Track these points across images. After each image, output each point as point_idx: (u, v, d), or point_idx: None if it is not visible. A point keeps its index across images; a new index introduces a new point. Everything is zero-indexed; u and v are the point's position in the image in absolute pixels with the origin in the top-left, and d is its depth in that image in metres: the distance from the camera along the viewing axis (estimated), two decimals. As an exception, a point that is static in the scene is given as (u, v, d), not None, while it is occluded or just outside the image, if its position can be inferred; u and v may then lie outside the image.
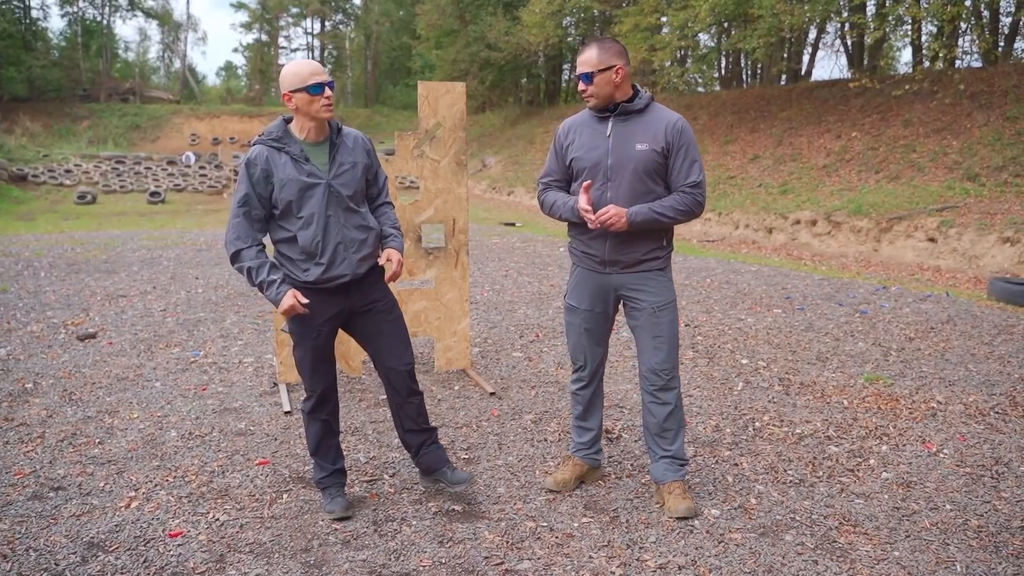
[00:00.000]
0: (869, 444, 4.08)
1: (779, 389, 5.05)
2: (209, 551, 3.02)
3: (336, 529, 3.18)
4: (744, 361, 5.70)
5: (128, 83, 42.21)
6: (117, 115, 37.13)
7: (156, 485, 3.63)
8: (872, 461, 3.85)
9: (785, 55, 24.09)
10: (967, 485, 3.59)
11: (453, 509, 3.35)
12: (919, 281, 9.81)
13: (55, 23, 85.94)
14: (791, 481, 3.62)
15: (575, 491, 3.52)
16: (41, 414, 4.62)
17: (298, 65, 3.04)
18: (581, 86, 3.19)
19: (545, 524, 3.21)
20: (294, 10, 49.55)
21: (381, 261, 3.27)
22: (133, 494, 3.53)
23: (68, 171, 26.55)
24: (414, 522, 3.25)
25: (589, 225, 3.14)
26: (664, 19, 21.91)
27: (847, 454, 3.95)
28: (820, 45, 23.67)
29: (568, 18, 30.16)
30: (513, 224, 17.30)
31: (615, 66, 3.13)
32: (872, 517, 3.26)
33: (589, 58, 3.14)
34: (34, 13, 40.59)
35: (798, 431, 4.28)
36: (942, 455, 3.94)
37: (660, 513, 3.30)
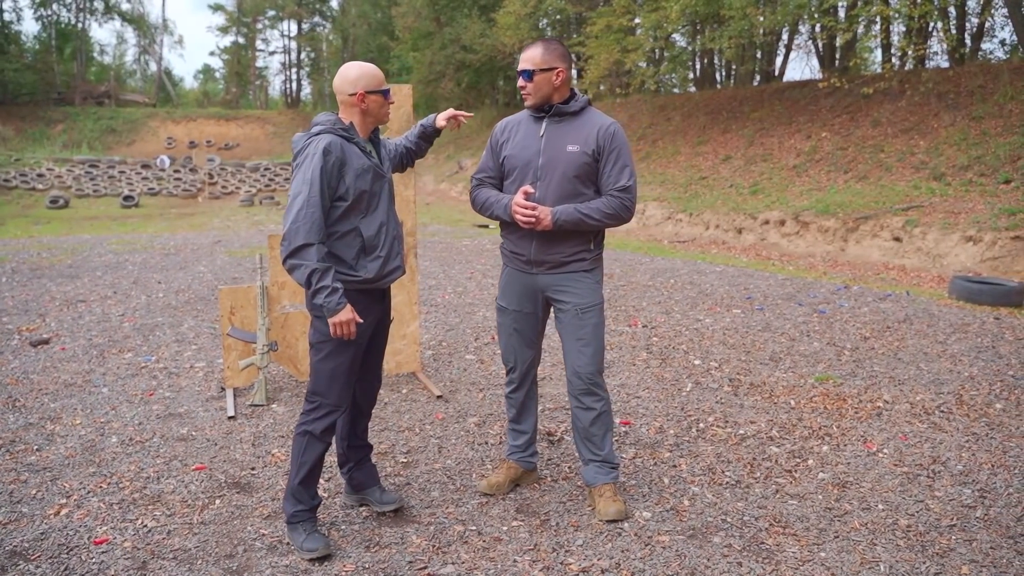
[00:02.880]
0: (810, 444, 4.10)
1: (728, 390, 5.06)
2: (132, 558, 2.98)
3: (264, 535, 3.15)
4: (697, 362, 5.71)
5: (103, 86, 41.82)
6: (92, 118, 36.78)
7: (89, 492, 3.58)
8: (811, 461, 3.86)
9: (758, 55, 24.22)
10: (902, 484, 3.61)
11: (384, 514, 3.32)
12: (884, 280, 9.88)
13: (28, 26, 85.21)
14: (727, 483, 3.63)
15: (509, 494, 3.51)
16: (-19, 422, 4.56)
17: (371, 68, 3.02)
18: (521, 82, 3.21)
19: (474, 528, 3.19)
20: (271, 13, 49.29)
21: (441, 120, 3.36)
22: (64, 501, 3.49)
23: (41, 175, 26.28)
24: (343, 527, 3.23)
25: (519, 223, 3.14)
26: (637, 20, 21.97)
27: (787, 455, 3.96)
28: (793, 46, 23.80)
29: (544, 20, 30.19)
30: (486, 226, 17.27)
31: (556, 68, 3.14)
32: (803, 518, 3.27)
33: (532, 56, 3.15)
34: (6, 16, 40.11)
35: (741, 432, 4.28)
36: (881, 455, 3.96)
37: (592, 516, 3.29)
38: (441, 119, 3.38)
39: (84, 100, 39.19)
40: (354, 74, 3.01)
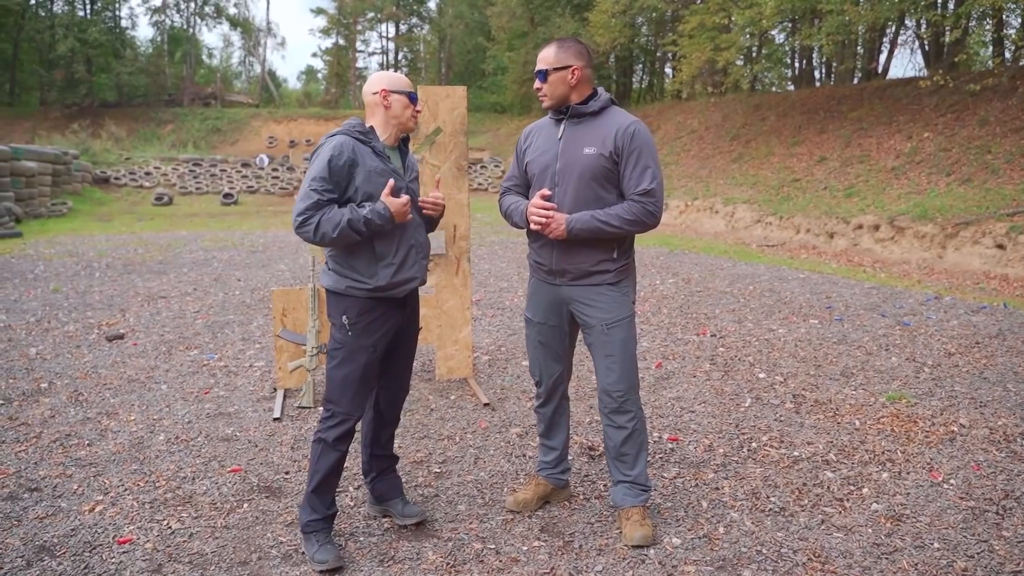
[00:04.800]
0: (869, 471, 3.81)
1: (790, 407, 4.78)
2: (150, 560, 2.99)
3: (281, 542, 3.12)
4: (761, 375, 5.43)
5: (210, 88, 43.62)
6: (199, 119, 38.37)
7: (126, 490, 3.64)
8: (866, 490, 3.58)
9: (859, 52, 23.19)
10: (966, 520, 3.30)
11: (405, 527, 3.25)
12: (983, 291, 9.24)
13: (143, 31, 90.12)
14: (770, 510, 3.40)
15: (537, 512, 3.38)
16: (45, 414, 4.72)
17: (398, 74, 3.05)
18: (536, 84, 3.10)
19: (493, 547, 3.08)
20: (370, 14, 50.31)
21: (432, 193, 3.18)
22: (100, 498, 3.55)
23: (148, 173, 27.56)
24: (361, 538, 3.17)
25: (532, 227, 3.03)
26: (733, 18, 21.35)
27: (841, 481, 3.69)
28: (897, 42, 22.66)
29: (639, 17, 29.74)
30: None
31: (571, 66, 3.00)
32: (847, 553, 3.02)
33: (546, 56, 3.05)
34: (123, 22, 42.35)
35: (795, 454, 4.03)
36: (947, 486, 3.64)
37: (618, 539, 3.13)
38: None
39: (192, 101, 40.91)
40: (379, 77, 3.05)
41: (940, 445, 4.14)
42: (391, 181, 2.93)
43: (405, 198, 2.93)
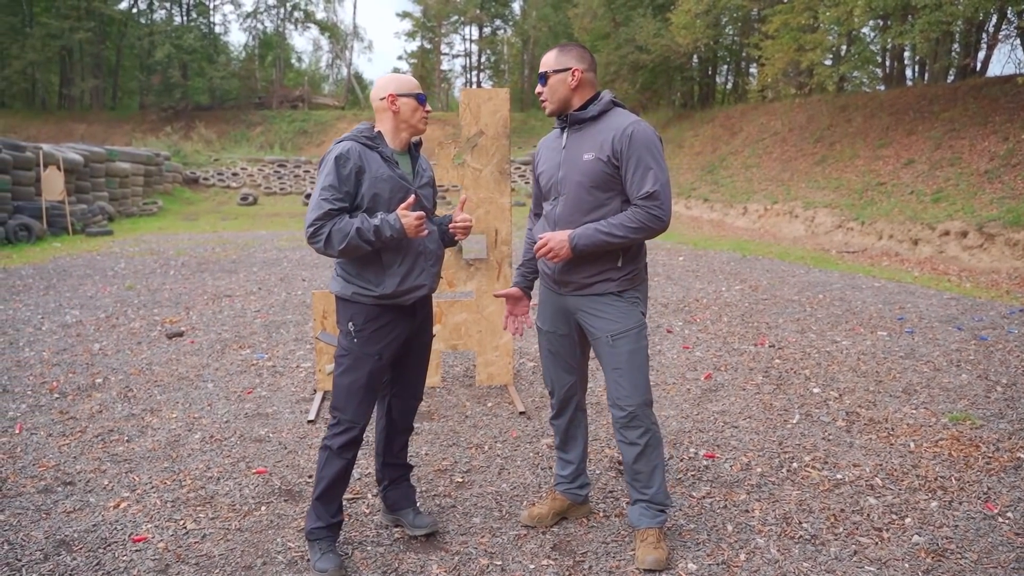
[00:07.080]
0: (917, 498, 3.55)
1: (841, 425, 4.52)
2: (159, 560, 3.01)
3: (289, 548, 3.10)
4: (815, 390, 5.17)
5: (298, 91, 44.77)
6: (287, 121, 39.44)
7: (152, 488, 3.69)
8: (909, 520, 3.34)
9: (955, 49, 22.09)
10: (1019, 560, 3.02)
11: (415, 538, 3.18)
12: (1077, 304, 8.63)
13: (235, 36, 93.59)
14: (800, 537, 3.19)
15: (552, 527, 3.27)
16: (93, 409, 4.85)
17: (406, 76, 3.03)
18: (538, 88, 3.03)
19: (499, 563, 2.98)
20: (454, 17, 50.83)
21: (457, 215, 3.10)
22: (127, 495, 3.61)
23: (235, 174, 28.47)
24: (369, 547, 3.12)
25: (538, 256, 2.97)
26: (819, 17, 20.64)
27: (883, 509, 3.45)
28: (999, 38, 21.44)
29: (724, 17, 29.08)
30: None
31: (571, 68, 2.92)
32: (877, 588, 2.81)
33: (547, 59, 2.99)
34: (216, 28, 43.95)
35: (838, 476, 3.79)
36: (1002, 520, 3.35)
37: (631, 562, 2.98)
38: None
39: (280, 104, 42.07)
40: (385, 80, 2.99)
41: (1001, 473, 3.84)
42: (411, 197, 2.88)
43: (420, 214, 2.85)
